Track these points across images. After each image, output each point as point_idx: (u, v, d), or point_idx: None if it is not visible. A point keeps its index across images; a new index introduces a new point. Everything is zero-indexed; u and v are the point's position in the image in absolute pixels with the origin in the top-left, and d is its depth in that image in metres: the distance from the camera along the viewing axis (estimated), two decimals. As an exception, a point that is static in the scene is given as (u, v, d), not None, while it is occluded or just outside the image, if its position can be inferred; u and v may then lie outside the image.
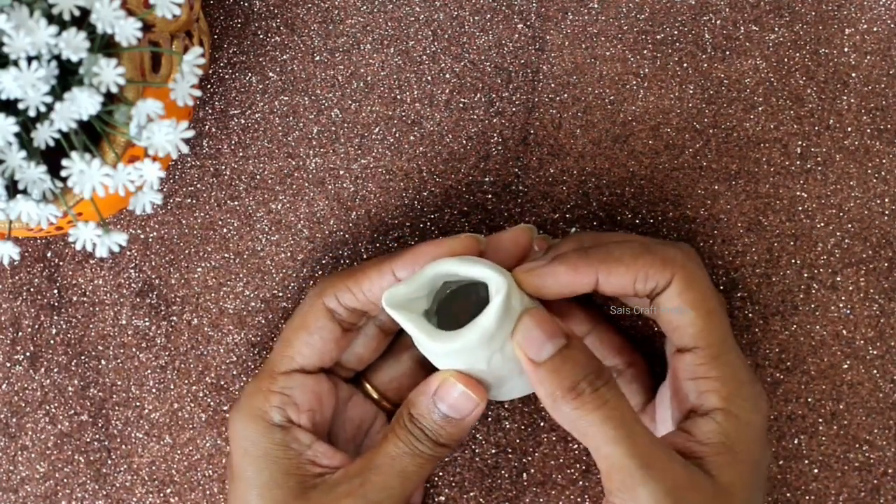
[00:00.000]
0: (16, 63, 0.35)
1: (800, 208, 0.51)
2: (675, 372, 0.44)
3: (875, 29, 0.51)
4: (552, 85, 0.51)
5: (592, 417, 0.41)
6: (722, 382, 0.43)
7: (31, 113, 0.35)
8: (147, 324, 0.52)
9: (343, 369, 0.49)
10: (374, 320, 0.48)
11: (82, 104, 0.36)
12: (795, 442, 0.50)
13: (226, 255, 0.52)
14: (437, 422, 0.44)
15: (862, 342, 0.51)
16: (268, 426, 0.45)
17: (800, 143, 0.51)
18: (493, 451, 0.51)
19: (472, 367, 0.43)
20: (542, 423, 0.51)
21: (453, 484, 0.51)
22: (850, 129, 0.51)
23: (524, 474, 0.51)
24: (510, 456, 0.51)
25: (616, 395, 0.41)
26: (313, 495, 0.44)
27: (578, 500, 0.51)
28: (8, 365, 0.52)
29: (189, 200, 0.52)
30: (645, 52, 0.51)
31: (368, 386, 0.49)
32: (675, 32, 0.51)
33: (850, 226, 0.51)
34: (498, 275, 0.42)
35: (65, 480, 0.52)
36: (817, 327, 0.51)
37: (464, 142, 0.52)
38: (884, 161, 0.51)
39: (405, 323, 0.43)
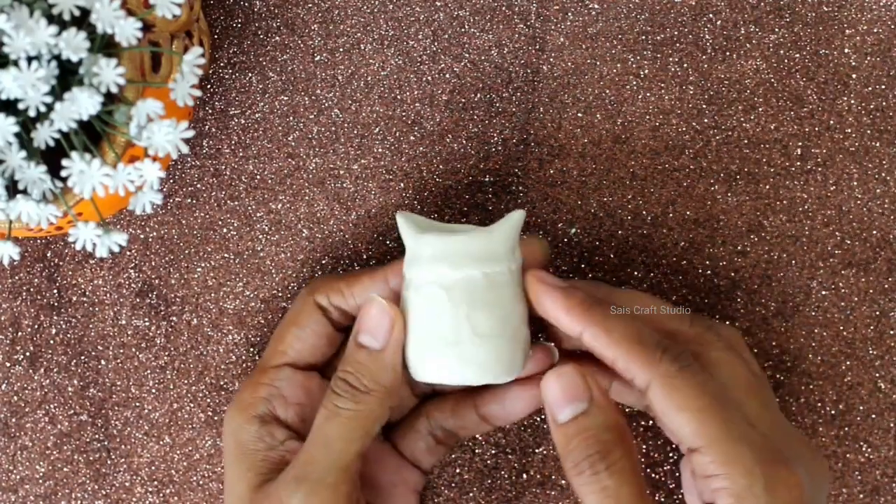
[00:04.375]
0: (16, 63, 0.35)
1: (800, 209, 0.51)
2: (689, 472, 0.43)
3: (875, 30, 0.51)
4: (552, 85, 0.51)
5: (587, 492, 0.40)
6: (731, 479, 0.40)
7: (31, 113, 0.35)
8: (147, 324, 0.52)
9: None
10: None
11: (82, 104, 0.36)
12: (795, 442, 0.51)
13: (226, 255, 0.52)
14: (359, 360, 0.43)
15: (862, 343, 0.51)
16: (248, 418, 0.45)
17: (800, 143, 0.51)
18: (493, 451, 0.51)
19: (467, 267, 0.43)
20: (542, 424, 0.51)
21: (453, 484, 0.51)
22: (850, 130, 0.51)
23: (524, 474, 0.51)
24: (510, 456, 0.51)
25: (616, 480, 0.40)
26: (267, 487, 0.44)
27: (578, 501, 0.51)
28: (8, 365, 0.52)
29: (189, 200, 0.52)
30: (645, 52, 0.51)
31: None
32: (675, 33, 0.51)
33: (850, 226, 0.51)
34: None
35: (64, 480, 0.52)
36: (817, 328, 0.51)
37: (464, 142, 0.52)
38: (884, 162, 0.51)
39: (408, 231, 0.43)
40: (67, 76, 0.37)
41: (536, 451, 0.51)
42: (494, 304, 0.42)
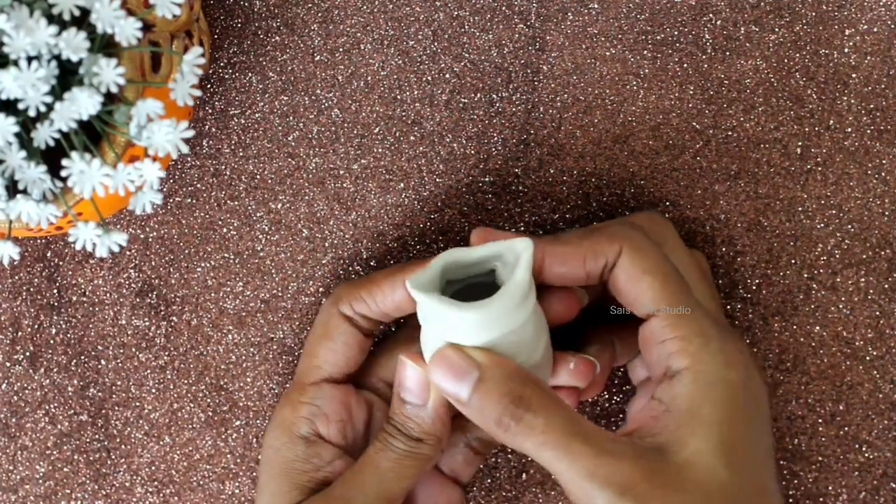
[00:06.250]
0: (16, 63, 0.35)
1: (799, 209, 0.51)
2: (644, 342, 0.43)
3: (875, 29, 0.51)
4: (552, 85, 0.51)
5: (527, 447, 0.40)
6: (687, 340, 0.42)
7: (31, 113, 0.35)
8: (147, 324, 0.52)
9: (386, 386, 0.48)
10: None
11: (82, 104, 0.36)
12: (795, 442, 0.50)
13: (226, 255, 0.52)
14: (404, 413, 0.43)
15: (861, 343, 0.51)
16: (293, 437, 0.46)
17: (800, 143, 0.51)
18: (493, 450, 0.51)
19: (503, 334, 0.42)
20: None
21: (453, 484, 0.51)
22: (850, 129, 0.51)
23: (524, 474, 0.51)
24: (510, 456, 0.51)
25: (544, 415, 0.40)
26: (308, 502, 0.44)
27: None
28: (8, 365, 0.52)
29: (189, 200, 0.52)
30: (645, 52, 0.51)
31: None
32: (676, 33, 0.51)
33: (849, 226, 0.51)
34: (517, 239, 0.42)
35: (64, 480, 0.52)
36: (817, 328, 0.51)
37: (464, 142, 0.52)
38: (884, 162, 0.51)
39: (432, 303, 0.41)
40: (67, 76, 0.37)
41: (536, 450, 0.51)
42: (526, 339, 0.42)
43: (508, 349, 0.42)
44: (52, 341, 0.52)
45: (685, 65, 0.51)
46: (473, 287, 0.44)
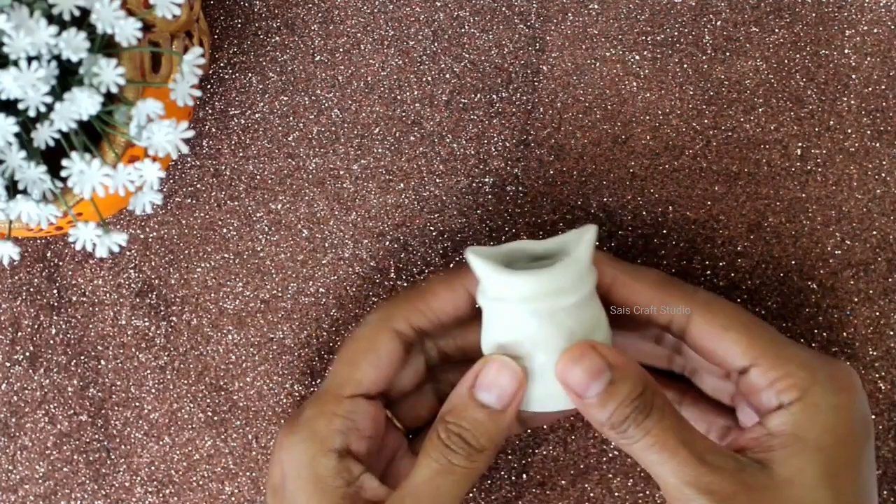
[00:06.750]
0: (16, 63, 0.35)
1: (800, 209, 0.51)
2: (750, 393, 0.43)
3: (875, 30, 0.51)
4: (552, 85, 0.51)
5: (633, 447, 0.41)
6: (793, 376, 0.42)
7: (31, 113, 0.35)
8: (147, 324, 0.52)
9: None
10: (423, 354, 0.48)
11: (82, 104, 0.36)
12: (795, 443, 0.51)
13: (226, 255, 0.52)
14: (477, 419, 0.42)
15: (862, 343, 0.51)
16: (324, 451, 0.43)
17: (800, 144, 0.51)
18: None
19: (555, 309, 0.42)
20: (541, 425, 0.51)
21: (453, 484, 0.51)
22: (850, 130, 0.51)
23: (524, 475, 0.51)
24: (510, 456, 0.51)
25: (659, 418, 0.41)
26: None
27: (578, 501, 0.51)
28: (8, 365, 0.52)
29: (189, 200, 0.52)
30: (645, 52, 0.51)
31: (390, 414, 0.48)
32: (676, 33, 0.51)
33: (849, 227, 0.51)
34: (582, 227, 0.43)
35: (64, 480, 0.52)
36: (817, 328, 0.51)
37: (464, 142, 0.52)
38: (884, 162, 0.51)
39: (490, 270, 0.41)
40: (67, 76, 0.37)
41: (536, 451, 0.51)
42: (581, 328, 0.42)
43: (562, 327, 0.42)
44: (52, 341, 0.52)
45: (685, 65, 0.51)
46: None
